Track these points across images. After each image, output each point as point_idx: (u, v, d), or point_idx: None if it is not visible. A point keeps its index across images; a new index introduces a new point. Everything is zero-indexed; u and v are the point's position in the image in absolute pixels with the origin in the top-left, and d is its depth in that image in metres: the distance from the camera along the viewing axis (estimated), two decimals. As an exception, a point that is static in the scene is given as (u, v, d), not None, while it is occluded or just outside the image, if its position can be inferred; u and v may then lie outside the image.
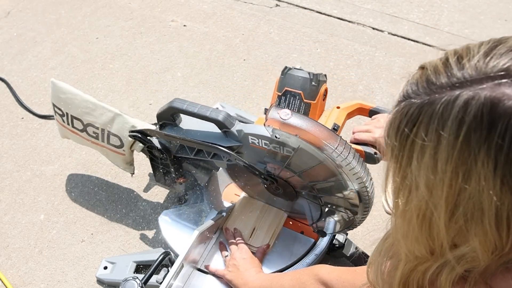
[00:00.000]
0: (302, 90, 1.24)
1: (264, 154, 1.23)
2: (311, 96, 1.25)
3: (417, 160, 0.58)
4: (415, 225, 0.62)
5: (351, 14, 2.37)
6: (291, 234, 1.47)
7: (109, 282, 1.49)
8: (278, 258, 1.41)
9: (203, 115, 1.24)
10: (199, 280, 1.38)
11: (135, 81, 2.10)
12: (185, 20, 2.36)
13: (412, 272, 0.68)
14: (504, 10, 2.37)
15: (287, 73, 1.27)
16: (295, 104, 1.25)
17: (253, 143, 1.21)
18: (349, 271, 1.02)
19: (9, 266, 1.56)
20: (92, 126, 1.49)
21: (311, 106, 1.25)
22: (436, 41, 2.22)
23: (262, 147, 1.20)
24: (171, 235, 1.47)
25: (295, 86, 1.25)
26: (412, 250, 0.66)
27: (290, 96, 1.25)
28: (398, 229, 0.67)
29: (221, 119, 1.23)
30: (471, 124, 0.52)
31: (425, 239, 0.63)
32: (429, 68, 0.59)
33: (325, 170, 1.18)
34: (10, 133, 1.92)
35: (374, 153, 1.21)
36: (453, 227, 0.59)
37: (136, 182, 1.75)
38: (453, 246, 0.61)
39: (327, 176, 1.21)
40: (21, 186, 1.75)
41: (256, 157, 1.25)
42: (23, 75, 2.13)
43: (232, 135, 1.24)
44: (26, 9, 2.44)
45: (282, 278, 1.21)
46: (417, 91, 0.58)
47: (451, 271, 0.63)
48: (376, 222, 1.62)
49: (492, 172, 0.53)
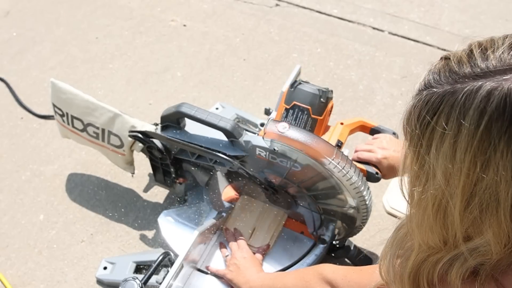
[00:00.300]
0: (310, 106, 1.26)
1: (266, 164, 1.24)
2: (319, 112, 1.27)
3: (436, 148, 0.59)
4: (430, 214, 0.63)
5: (351, 13, 2.36)
6: (291, 234, 1.46)
7: (109, 282, 1.48)
8: (278, 258, 1.41)
9: (213, 123, 1.25)
10: (199, 280, 1.38)
11: (135, 81, 2.10)
12: (185, 20, 2.36)
13: (423, 263, 0.69)
14: (505, 9, 2.37)
15: (296, 87, 1.28)
16: (302, 118, 1.27)
17: (259, 154, 1.22)
18: (354, 271, 1.02)
19: (8, 266, 1.55)
20: (92, 126, 1.49)
21: (318, 121, 1.27)
22: (437, 40, 2.21)
23: (266, 159, 1.22)
24: (171, 235, 1.47)
25: (304, 101, 1.26)
26: (425, 240, 0.66)
27: (298, 111, 1.27)
28: (413, 218, 0.67)
29: (230, 129, 1.23)
30: (492, 114, 0.53)
31: (439, 229, 0.63)
32: (452, 59, 0.60)
33: (323, 181, 1.20)
34: (9, 133, 1.92)
35: (376, 172, 1.25)
36: (468, 217, 0.59)
37: (136, 182, 1.74)
38: (467, 238, 0.62)
39: (326, 188, 1.22)
40: (20, 186, 1.75)
41: (258, 167, 1.26)
42: (23, 75, 2.13)
43: (239, 145, 1.25)
44: (25, 9, 2.44)
45: (285, 276, 1.21)
46: (439, 80, 0.59)
47: (462, 265, 0.64)
48: (376, 222, 1.62)
49: (510, 162, 0.53)
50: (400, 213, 1.61)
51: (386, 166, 1.27)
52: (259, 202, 1.51)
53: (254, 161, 1.25)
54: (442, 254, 0.66)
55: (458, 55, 0.60)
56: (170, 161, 1.43)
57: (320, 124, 1.28)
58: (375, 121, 1.42)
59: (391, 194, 1.66)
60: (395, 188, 1.68)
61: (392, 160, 1.26)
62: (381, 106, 1.95)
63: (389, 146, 1.29)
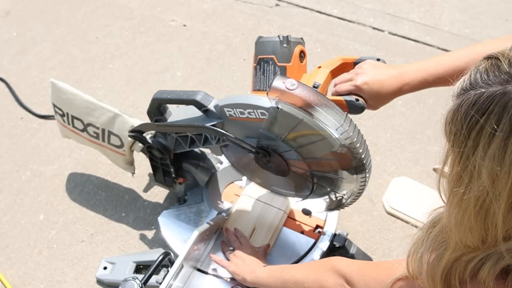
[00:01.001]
0: (274, 54, 1.20)
1: (250, 126, 1.19)
2: (285, 58, 1.20)
3: (483, 149, 0.58)
4: (471, 214, 0.62)
5: (351, 13, 2.36)
6: (291, 234, 1.46)
7: (109, 282, 1.48)
8: (278, 258, 1.41)
9: (183, 99, 1.25)
10: (199, 280, 1.38)
11: (135, 81, 2.10)
12: (185, 20, 2.36)
13: (455, 262, 0.69)
14: (505, 9, 2.37)
15: (257, 42, 1.24)
16: (269, 70, 1.21)
17: (230, 115, 1.19)
18: (370, 265, 0.99)
19: (8, 266, 1.55)
20: (92, 126, 1.49)
21: (287, 69, 1.20)
22: (437, 40, 2.21)
23: (240, 118, 1.18)
24: (171, 235, 1.47)
25: (267, 51, 1.21)
26: (463, 239, 0.66)
27: (263, 63, 1.21)
28: (451, 218, 0.66)
29: (199, 99, 1.22)
30: None
31: (480, 229, 0.63)
32: (502, 59, 0.59)
33: (310, 130, 1.11)
34: (9, 133, 1.92)
35: (356, 99, 1.11)
36: (511, 219, 0.59)
37: (136, 182, 1.74)
38: (507, 238, 0.62)
39: (313, 137, 1.13)
40: (20, 186, 1.75)
41: (242, 131, 1.22)
42: (23, 75, 2.13)
43: (211, 113, 1.24)
44: (26, 9, 2.44)
45: (294, 268, 1.18)
46: (487, 80, 0.58)
47: (496, 263, 0.64)
48: (376, 222, 1.62)
49: None
50: (400, 213, 1.61)
51: (368, 92, 1.11)
52: (259, 203, 1.50)
53: (232, 125, 1.22)
54: (478, 253, 0.65)
55: (508, 55, 0.59)
56: (170, 161, 1.43)
57: (291, 72, 1.20)
58: (357, 54, 1.28)
59: (390, 194, 1.66)
60: (395, 188, 1.68)
61: (374, 85, 1.09)
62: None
63: (369, 71, 1.12)
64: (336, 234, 1.46)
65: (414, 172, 1.74)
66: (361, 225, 1.62)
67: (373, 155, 1.78)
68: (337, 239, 1.45)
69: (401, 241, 1.58)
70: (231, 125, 1.23)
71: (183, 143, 1.37)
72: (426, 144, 1.83)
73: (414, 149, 1.81)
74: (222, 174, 1.58)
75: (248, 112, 1.16)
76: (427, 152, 1.80)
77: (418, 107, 1.95)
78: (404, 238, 1.56)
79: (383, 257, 1.53)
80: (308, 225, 1.48)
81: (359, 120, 1.89)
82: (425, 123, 1.89)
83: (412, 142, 1.84)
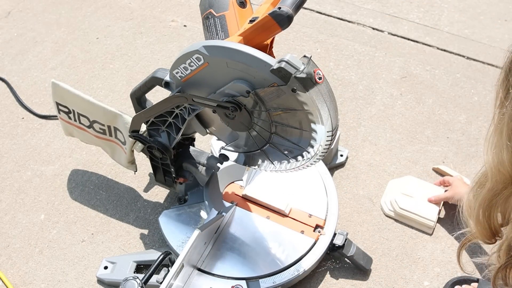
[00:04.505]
0: (210, 8, 1.19)
1: (204, 81, 1.17)
2: (222, 8, 1.18)
3: None
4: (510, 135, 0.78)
5: (351, 14, 2.37)
6: (291, 234, 1.47)
7: (109, 282, 1.49)
8: (278, 258, 1.42)
9: (145, 82, 1.30)
10: (199, 280, 1.38)
11: (136, 81, 2.10)
12: (185, 20, 2.36)
13: (496, 195, 0.82)
14: (504, 10, 2.37)
15: (199, 4, 1.24)
16: (211, 25, 1.19)
17: (181, 77, 1.18)
18: None
19: (9, 266, 1.56)
20: (98, 123, 1.50)
21: (226, 17, 1.18)
22: (436, 41, 2.22)
23: (188, 75, 1.16)
24: (172, 235, 1.48)
25: (205, 8, 1.20)
26: (496, 165, 0.79)
27: (205, 21, 1.20)
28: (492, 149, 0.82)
29: (157, 75, 1.25)
30: None
31: None
32: None
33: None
34: (10, 133, 1.92)
35: (278, 8, 1.06)
36: None
37: (136, 182, 1.75)
38: None
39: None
40: (21, 186, 1.76)
41: (204, 91, 1.20)
42: (24, 75, 2.13)
43: (171, 85, 1.24)
44: (26, 9, 2.44)
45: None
46: None
47: None
48: (376, 222, 1.63)
49: None
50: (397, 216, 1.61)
51: None
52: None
53: (190, 86, 1.20)
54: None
55: None
56: (170, 161, 1.44)
57: (231, 19, 1.18)
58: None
59: (388, 196, 1.66)
60: (392, 190, 1.68)
61: None
62: (380, 106, 1.96)
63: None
64: (336, 234, 1.47)
65: (414, 172, 1.75)
66: (361, 225, 1.62)
67: (373, 155, 1.79)
68: (337, 239, 1.45)
69: (400, 241, 1.58)
70: (189, 89, 1.21)
71: (172, 132, 1.37)
72: (426, 144, 1.83)
73: (414, 149, 1.82)
74: (222, 174, 1.59)
75: (188, 63, 1.14)
76: (427, 152, 1.80)
77: (418, 107, 1.95)
78: (404, 238, 1.55)
79: (382, 257, 1.54)
80: (308, 225, 1.48)
81: (358, 120, 1.90)
82: (425, 123, 1.90)
83: (411, 142, 1.84)
